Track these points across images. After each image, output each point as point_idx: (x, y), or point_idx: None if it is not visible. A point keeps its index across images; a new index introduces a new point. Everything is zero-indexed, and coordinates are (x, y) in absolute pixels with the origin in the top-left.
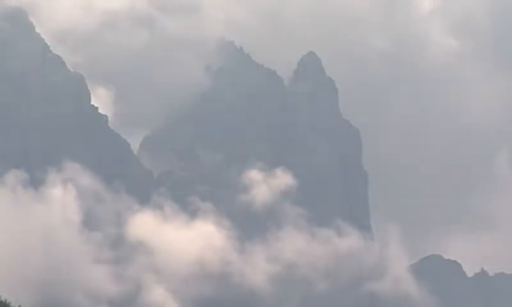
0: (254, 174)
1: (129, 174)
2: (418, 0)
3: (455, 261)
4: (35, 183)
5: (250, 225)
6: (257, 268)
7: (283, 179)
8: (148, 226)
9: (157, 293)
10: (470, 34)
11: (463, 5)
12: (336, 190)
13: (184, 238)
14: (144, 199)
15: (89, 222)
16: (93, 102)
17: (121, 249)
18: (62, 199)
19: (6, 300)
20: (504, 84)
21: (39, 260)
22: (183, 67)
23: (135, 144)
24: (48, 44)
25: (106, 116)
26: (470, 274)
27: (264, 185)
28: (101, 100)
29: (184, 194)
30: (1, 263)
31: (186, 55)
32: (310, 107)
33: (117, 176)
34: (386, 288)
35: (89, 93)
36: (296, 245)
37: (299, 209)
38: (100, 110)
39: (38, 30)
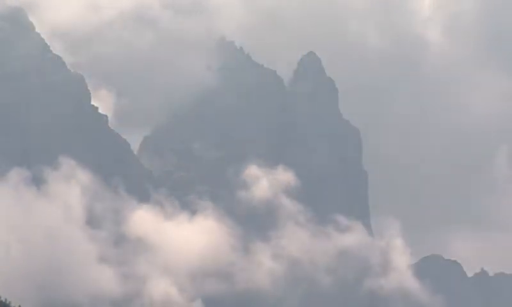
0: (254, 173)
1: (129, 174)
2: (418, 1)
3: (455, 261)
4: (35, 182)
5: (251, 223)
6: (259, 265)
7: (284, 177)
8: (148, 224)
9: (160, 289)
10: (470, 35)
11: (462, 6)
12: (337, 190)
13: (186, 237)
14: (144, 199)
15: (90, 221)
16: (93, 102)
17: (123, 247)
18: (63, 198)
19: (6, 300)
20: (504, 84)
21: (41, 258)
22: (183, 67)
23: (135, 144)
24: (48, 44)
25: (106, 116)
26: (470, 274)
27: (264, 183)
28: (101, 100)
29: (184, 194)
30: (4, 261)
31: (186, 56)
32: (310, 107)
33: (117, 176)
34: (387, 286)
35: (89, 93)
36: (297, 242)
37: (300, 207)
38: (100, 110)
39: (38, 30)
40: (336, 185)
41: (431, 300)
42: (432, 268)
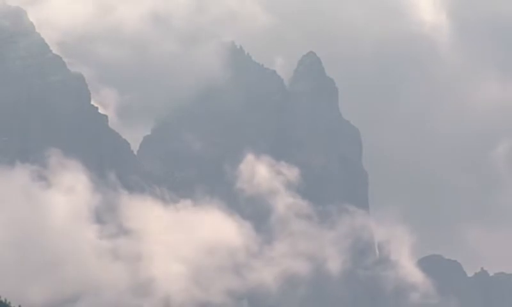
0: (254, 172)
1: (129, 173)
2: (419, 1)
3: (455, 261)
4: (34, 182)
5: (253, 218)
6: (265, 260)
7: (285, 172)
8: (148, 223)
9: (163, 286)
10: (471, 34)
11: (462, 6)
12: (336, 190)
13: (187, 235)
14: (144, 199)
15: (90, 220)
16: (93, 102)
17: (126, 243)
18: (62, 198)
19: (5, 300)
20: (505, 83)
21: (46, 254)
22: (183, 67)
23: (135, 144)
24: (48, 44)
25: (106, 116)
26: (470, 273)
27: (264, 182)
28: (101, 99)
29: (185, 193)
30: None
31: (186, 55)
32: (310, 107)
33: (117, 176)
34: (390, 280)
35: (89, 93)
36: (301, 237)
37: (300, 202)
38: (100, 110)
39: (38, 30)
40: (336, 185)
41: (430, 300)
42: (432, 268)
